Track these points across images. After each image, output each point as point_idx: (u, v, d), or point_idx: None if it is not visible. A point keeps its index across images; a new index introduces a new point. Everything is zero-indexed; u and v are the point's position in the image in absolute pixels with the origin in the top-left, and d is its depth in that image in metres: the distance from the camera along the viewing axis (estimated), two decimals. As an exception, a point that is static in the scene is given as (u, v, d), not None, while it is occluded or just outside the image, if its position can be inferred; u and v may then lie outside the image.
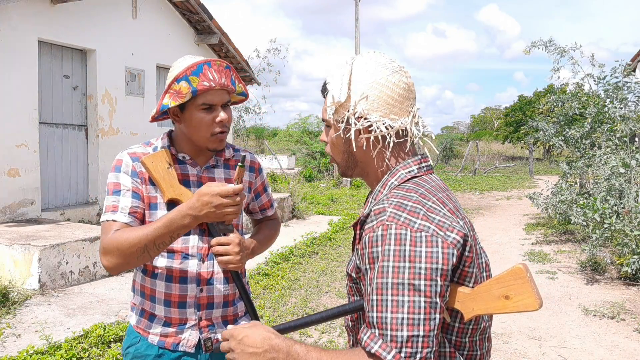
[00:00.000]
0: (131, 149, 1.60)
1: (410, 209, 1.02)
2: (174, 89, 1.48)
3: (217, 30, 9.35)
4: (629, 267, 5.42)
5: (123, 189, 1.52)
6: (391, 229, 0.98)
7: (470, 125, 62.65)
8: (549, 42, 7.82)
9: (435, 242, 0.98)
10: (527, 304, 0.97)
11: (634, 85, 7.07)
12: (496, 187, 17.32)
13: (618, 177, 6.34)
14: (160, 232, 1.42)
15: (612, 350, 4.00)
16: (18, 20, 6.25)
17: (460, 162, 25.18)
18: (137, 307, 1.62)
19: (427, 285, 0.95)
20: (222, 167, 1.65)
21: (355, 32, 16.99)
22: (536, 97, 38.45)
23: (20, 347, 3.59)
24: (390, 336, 0.93)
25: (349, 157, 1.19)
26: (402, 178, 1.13)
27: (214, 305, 1.59)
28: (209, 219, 1.43)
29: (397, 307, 0.94)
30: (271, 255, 6.49)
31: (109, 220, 1.50)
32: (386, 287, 0.96)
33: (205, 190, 1.41)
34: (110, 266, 1.49)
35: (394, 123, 1.13)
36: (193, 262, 1.56)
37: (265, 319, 4.37)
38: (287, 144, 23.84)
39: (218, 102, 1.52)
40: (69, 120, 7.30)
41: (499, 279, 0.99)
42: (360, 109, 1.13)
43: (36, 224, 6.08)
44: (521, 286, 0.97)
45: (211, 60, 1.51)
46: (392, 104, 1.13)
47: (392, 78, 1.13)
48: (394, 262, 0.96)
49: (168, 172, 1.54)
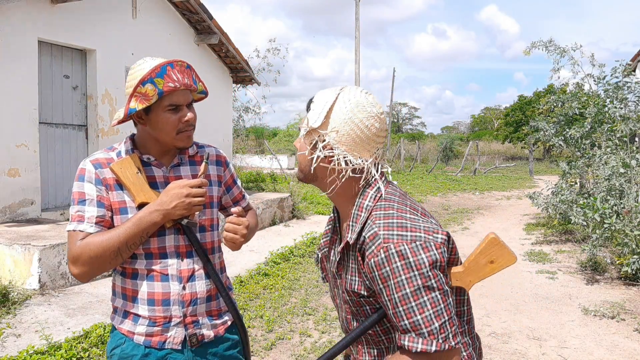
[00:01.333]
0: (93, 156, 1.59)
1: (397, 225, 1.18)
2: (139, 92, 1.48)
3: (217, 30, 9.35)
4: (629, 267, 5.42)
5: (88, 199, 1.53)
6: (391, 249, 1.15)
7: (470, 125, 62.69)
8: (548, 42, 7.83)
9: (429, 246, 1.16)
10: (507, 261, 1.24)
11: (634, 85, 7.07)
12: (496, 187, 17.32)
13: (618, 177, 6.34)
14: (131, 231, 1.47)
15: (612, 350, 4.00)
16: (18, 20, 6.25)
17: (460, 162, 25.19)
18: (120, 309, 1.62)
19: (436, 281, 1.15)
20: (188, 165, 1.66)
21: (355, 32, 17.00)
22: (536, 97, 38.47)
23: (20, 347, 3.59)
24: (426, 332, 1.13)
25: (309, 172, 1.31)
26: (374, 198, 1.26)
27: (197, 301, 1.60)
28: (177, 211, 1.49)
29: (423, 308, 1.14)
30: (271, 255, 6.49)
31: (75, 231, 1.50)
32: (407, 297, 1.14)
33: (172, 185, 1.52)
34: (81, 274, 1.50)
35: (354, 160, 1.25)
36: (172, 260, 1.58)
37: (265, 318, 4.37)
38: (287, 144, 23.85)
39: (183, 102, 1.55)
40: (69, 120, 7.30)
41: (481, 251, 1.24)
42: (328, 139, 1.25)
43: (36, 224, 6.08)
44: (500, 250, 1.24)
45: (173, 61, 1.53)
46: (359, 142, 1.25)
47: (367, 122, 1.24)
48: (405, 275, 1.14)
49: (137, 177, 1.55)
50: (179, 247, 1.58)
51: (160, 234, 1.56)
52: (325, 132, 1.25)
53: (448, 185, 17.00)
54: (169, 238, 1.57)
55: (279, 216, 9.27)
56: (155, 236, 1.55)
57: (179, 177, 1.62)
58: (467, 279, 1.24)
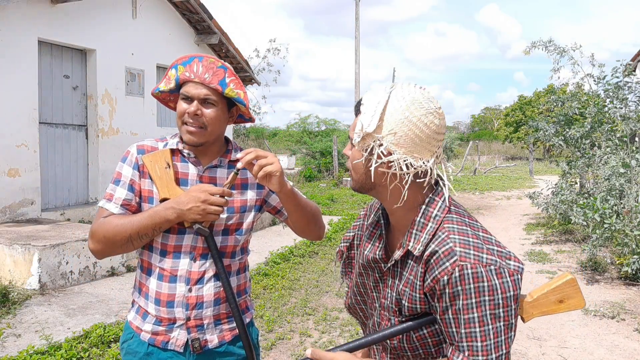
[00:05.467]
0: (142, 142, 1.64)
1: (473, 244, 1.13)
2: (167, 75, 1.57)
3: (217, 30, 9.35)
4: (629, 267, 5.42)
5: (122, 180, 1.58)
6: (467, 269, 1.09)
7: (471, 125, 62.67)
8: (548, 42, 7.83)
9: (503, 273, 1.11)
10: (577, 304, 1.20)
11: (634, 85, 7.07)
12: (496, 187, 17.32)
13: (618, 177, 6.34)
14: (144, 223, 1.48)
15: (612, 350, 4.00)
16: (18, 20, 6.25)
17: (460, 162, 25.19)
18: (135, 302, 1.65)
19: (505, 311, 1.10)
20: (226, 168, 1.64)
21: (355, 32, 17.00)
22: (536, 97, 38.47)
23: (20, 347, 3.59)
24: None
25: (367, 179, 1.22)
26: (442, 208, 1.19)
27: (203, 304, 1.57)
28: (192, 214, 1.47)
29: (485, 336, 1.09)
30: (271, 255, 6.50)
31: (103, 207, 1.57)
32: (473, 321, 1.10)
33: (195, 187, 1.51)
34: (95, 250, 1.56)
35: (415, 162, 1.15)
36: (185, 260, 1.56)
37: (265, 319, 4.38)
38: (287, 144, 23.81)
39: (194, 95, 1.53)
40: (69, 120, 7.30)
41: (555, 288, 1.20)
42: (386, 143, 1.15)
43: (36, 224, 6.07)
44: (574, 292, 1.20)
45: (205, 55, 1.54)
46: (419, 143, 1.15)
47: (425, 119, 1.15)
48: (475, 298, 1.09)
49: (165, 172, 1.56)
50: (196, 247, 1.57)
51: (180, 232, 1.56)
52: (382, 136, 1.15)
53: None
54: (188, 237, 1.57)
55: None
56: (175, 233, 1.55)
57: (213, 179, 1.61)
58: (531, 310, 1.20)
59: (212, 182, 1.60)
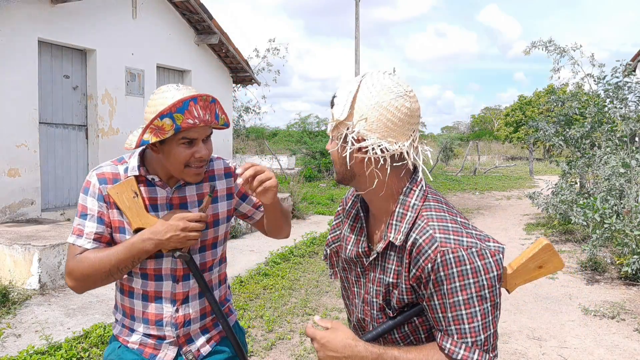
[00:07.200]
0: (100, 169, 1.57)
1: (452, 229, 1.15)
2: (156, 125, 1.41)
3: (217, 30, 9.35)
4: (629, 267, 5.42)
5: (89, 214, 1.52)
6: (449, 253, 1.11)
7: (471, 125, 62.67)
8: (548, 42, 7.83)
9: (485, 254, 1.13)
10: (555, 267, 1.26)
11: (634, 85, 7.06)
12: (496, 187, 17.31)
13: (618, 177, 6.34)
14: (122, 256, 1.45)
15: (612, 350, 4.00)
16: (18, 20, 6.25)
17: (460, 162, 25.18)
18: (119, 321, 1.65)
19: (490, 292, 1.12)
20: (194, 185, 1.60)
21: (355, 32, 17.00)
22: (536, 97, 38.47)
23: (20, 347, 3.59)
24: (470, 342, 1.12)
25: (346, 169, 1.23)
26: (420, 197, 1.21)
27: (191, 322, 1.59)
28: (171, 243, 1.46)
29: (472, 318, 1.11)
30: (271, 255, 6.49)
31: (74, 245, 1.51)
32: (459, 304, 1.11)
33: (170, 215, 1.48)
34: (75, 287, 1.53)
35: (390, 146, 1.16)
36: (167, 283, 1.56)
37: (265, 319, 4.37)
38: (287, 144, 23.78)
39: (199, 137, 1.48)
40: (69, 120, 7.30)
41: (533, 256, 1.23)
42: (358, 129, 1.17)
43: (36, 224, 6.07)
44: (551, 256, 1.24)
45: (197, 95, 1.43)
46: (392, 127, 1.16)
47: (395, 102, 1.16)
48: (459, 281, 1.11)
49: (134, 201, 1.51)
50: (176, 270, 1.56)
51: (158, 256, 1.54)
52: (353, 123, 1.17)
53: (448, 185, 17.00)
54: (166, 260, 1.55)
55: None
56: (152, 257, 1.53)
57: (183, 198, 1.58)
58: (513, 281, 1.23)
59: (182, 202, 1.57)
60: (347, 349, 1.15)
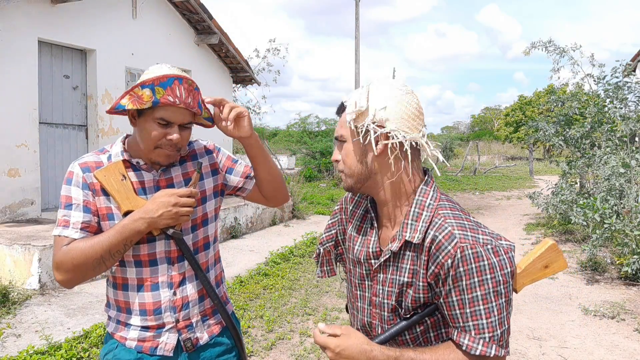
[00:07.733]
0: (82, 159, 1.54)
1: (469, 227, 1.18)
2: (136, 93, 1.41)
3: (217, 30, 9.35)
4: (629, 267, 5.42)
5: (74, 203, 1.48)
6: (468, 249, 1.14)
7: (471, 125, 62.66)
8: (548, 42, 7.83)
9: (499, 251, 1.16)
10: (560, 267, 1.28)
11: (634, 85, 7.07)
12: (496, 187, 17.31)
13: (618, 177, 6.34)
14: (114, 239, 1.42)
15: (612, 350, 4.00)
16: (18, 20, 6.25)
17: (460, 162, 25.18)
18: (114, 318, 1.61)
19: (505, 288, 1.15)
20: (179, 165, 1.60)
21: (355, 32, 17.00)
22: (536, 97, 38.46)
23: (20, 347, 3.59)
24: (488, 337, 1.14)
25: (363, 167, 1.25)
26: (434, 197, 1.24)
27: (189, 304, 1.57)
28: (163, 221, 1.44)
29: (490, 313, 1.13)
30: (271, 255, 6.49)
31: (60, 236, 1.47)
32: (477, 300, 1.14)
33: (160, 193, 1.46)
34: (64, 280, 1.47)
35: (407, 135, 1.21)
36: (163, 266, 1.54)
37: (265, 318, 4.37)
38: (287, 144, 23.77)
39: (176, 121, 1.46)
40: (69, 120, 7.30)
41: (540, 256, 1.27)
42: (379, 117, 1.20)
43: (36, 224, 6.08)
44: (557, 256, 1.28)
45: (183, 76, 1.44)
46: (406, 119, 1.22)
47: (406, 97, 1.23)
48: (478, 277, 1.13)
49: (122, 184, 1.49)
50: (170, 252, 1.54)
51: (150, 240, 1.51)
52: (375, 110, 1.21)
53: (448, 185, 17.00)
54: (160, 244, 1.53)
55: (279, 216, 9.27)
56: (145, 242, 1.51)
57: (169, 179, 1.57)
58: (521, 281, 1.26)
59: (169, 184, 1.57)
60: (363, 354, 1.13)
